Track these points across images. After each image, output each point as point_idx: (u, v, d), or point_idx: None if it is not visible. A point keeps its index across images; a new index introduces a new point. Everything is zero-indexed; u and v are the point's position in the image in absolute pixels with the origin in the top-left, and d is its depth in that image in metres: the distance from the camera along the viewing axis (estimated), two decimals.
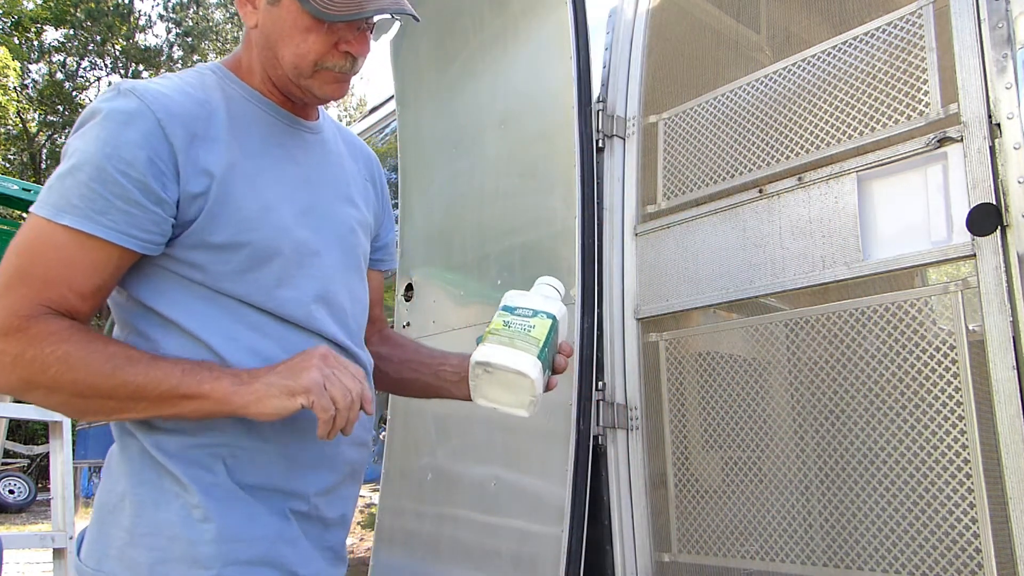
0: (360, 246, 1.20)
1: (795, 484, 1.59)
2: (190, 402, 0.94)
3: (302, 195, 1.10)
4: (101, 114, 0.97)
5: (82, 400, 0.94)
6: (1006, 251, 1.32)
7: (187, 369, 0.95)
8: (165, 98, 0.99)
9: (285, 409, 0.94)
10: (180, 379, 0.94)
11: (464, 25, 2.30)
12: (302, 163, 1.13)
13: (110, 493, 1.02)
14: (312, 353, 0.97)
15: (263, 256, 1.03)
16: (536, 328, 1.01)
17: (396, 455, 2.29)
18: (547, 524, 1.75)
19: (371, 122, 3.65)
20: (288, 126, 1.13)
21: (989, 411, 1.32)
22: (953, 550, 1.34)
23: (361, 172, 1.28)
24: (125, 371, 0.93)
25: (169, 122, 0.98)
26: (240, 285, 1.02)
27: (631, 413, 1.89)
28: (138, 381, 0.93)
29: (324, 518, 1.10)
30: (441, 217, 2.35)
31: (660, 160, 1.99)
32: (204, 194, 0.99)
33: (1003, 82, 1.37)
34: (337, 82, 1.09)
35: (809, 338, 1.61)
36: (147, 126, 0.96)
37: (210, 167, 1.00)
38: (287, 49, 1.05)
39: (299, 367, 0.95)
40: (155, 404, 0.94)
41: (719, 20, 2.07)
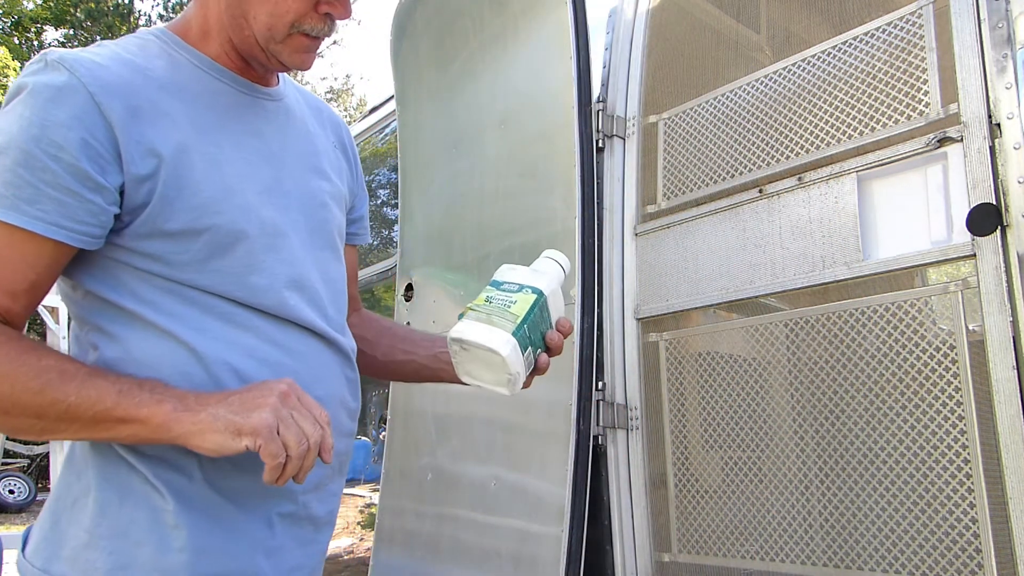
0: (333, 221, 1.09)
1: (795, 484, 1.59)
2: (125, 426, 0.84)
3: (266, 171, 1.00)
4: (26, 90, 0.86)
5: (5, 418, 0.85)
6: (1006, 251, 1.32)
7: (125, 390, 0.84)
8: (99, 68, 0.88)
9: (227, 448, 0.83)
10: (116, 400, 0.83)
11: (464, 25, 2.30)
12: (264, 135, 1.02)
13: (70, 488, 0.92)
14: (271, 389, 0.86)
15: (227, 242, 0.93)
16: (517, 304, 0.97)
17: (396, 455, 2.29)
18: (547, 524, 1.75)
19: (371, 122, 3.65)
20: (247, 95, 1.02)
21: (989, 411, 1.32)
22: (953, 550, 1.34)
23: (330, 139, 1.16)
24: (56, 388, 0.82)
25: (105, 96, 0.86)
26: (204, 275, 0.92)
27: (631, 413, 1.89)
28: (69, 400, 0.82)
29: (314, 517, 1.01)
30: (441, 217, 2.35)
31: (660, 160, 1.99)
32: (152, 176, 0.88)
33: (1003, 82, 1.37)
34: (308, 51, 0.99)
35: (809, 338, 1.61)
36: (79, 102, 0.85)
37: (157, 146, 0.89)
38: (262, 8, 0.95)
39: (252, 403, 0.84)
40: (87, 426, 0.84)
41: (719, 20, 2.07)
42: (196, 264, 0.92)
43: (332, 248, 1.08)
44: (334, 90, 21.81)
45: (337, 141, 1.18)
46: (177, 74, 0.95)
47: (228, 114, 0.99)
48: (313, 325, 1.00)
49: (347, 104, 21.84)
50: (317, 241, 1.05)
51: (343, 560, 2.84)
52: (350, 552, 2.81)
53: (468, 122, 2.28)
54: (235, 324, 0.93)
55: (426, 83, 2.46)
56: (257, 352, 0.94)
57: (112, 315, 0.91)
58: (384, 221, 3.69)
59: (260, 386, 0.87)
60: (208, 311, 0.92)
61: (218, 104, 0.98)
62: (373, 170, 3.81)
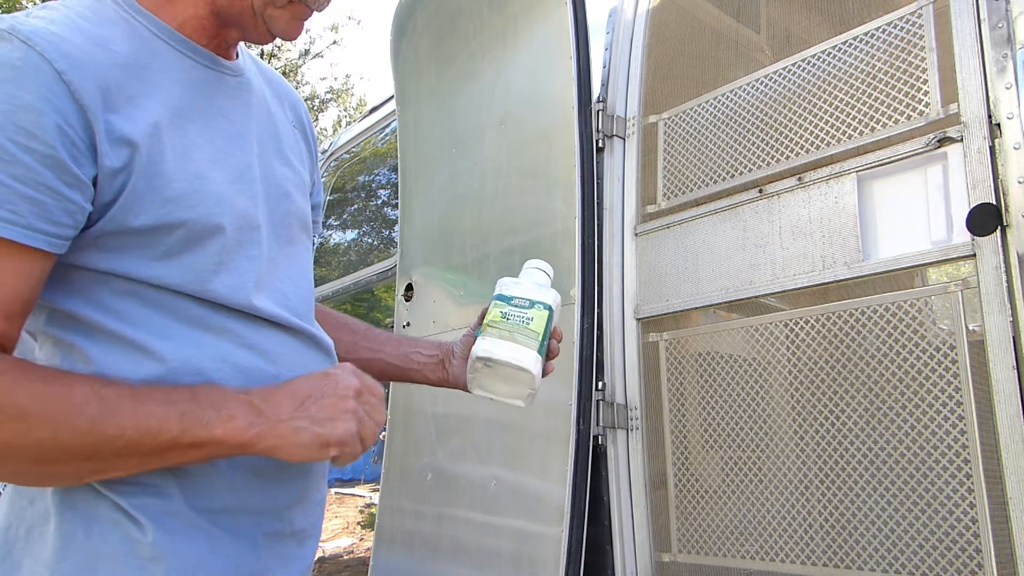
0: (296, 212, 0.99)
1: (795, 484, 1.59)
2: (196, 451, 0.75)
3: (236, 156, 0.90)
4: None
5: (45, 467, 0.72)
6: (1006, 251, 1.32)
7: (186, 411, 0.75)
8: (62, 41, 0.74)
9: (314, 459, 0.78)
10: (181, 425, 0.74)
11: (464, 25, 2.30)
12: (230, 116, 0.92)
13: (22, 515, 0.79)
14: (347, 388, 0.81)
15: (200, 236, 0.82)
16: (535, 320, 0.99)
17: (396, 455, 2.29)
18: (547, 524, 1.75)
19: (371, 122, 3.65)
20: (211, 70, 0.91)
21: (989, 411, 1.32)
22: (953, 550, 1.34)
23: (289, 119, 1.05)
24: (106, 422, 0.71)
25: (74, 75, 0.73)
26: (173, 271, 0.81)
27: (631, 413, 1.89)
28: (127, 435, 0.72)
29: (298, 531, 0.92)
30: (441, 217, 2.35)
31: (660, 160, 1.99)
32: (125, 168, 0.77)
33: (1003, 82, 1.37)
34: (301, 19, 0.92)
35: (809, 338, 1.61)
36: (46, 81, 0.72)
37: (130, 133, 0.77)
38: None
39: (333, 410, 0.79)
40: (148, 458, 0.74)
41: (719, 20, 2.07)
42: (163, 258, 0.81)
43: (297, 241, 1.00)
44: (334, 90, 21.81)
45: (296, 120, 1.07)
46: (138, 45, 0.83)
47: (193, 92, 0.87)
48: (288, 322, 0.92)
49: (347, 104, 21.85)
50: (282, 234, 0.96)
51: (343, 560, 2.84)
52: (350, 552, 2.81)
53: (468, 122, 2.28)
54: (204, 328, 0.84)
55: (426, 83, 2.46)
56: (231, 357, 0.85)
57: (68, 325, 0.80)
58: (384, 221, 3.69)
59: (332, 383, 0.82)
60: (174, 315, 0.82)
61: (182, 81, 0.86)
62: (373, 170, 3.81)
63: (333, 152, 3.92)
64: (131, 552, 0.77)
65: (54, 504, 0.77)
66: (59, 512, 0.77)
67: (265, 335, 0.89)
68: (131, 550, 0.77)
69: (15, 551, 0.78)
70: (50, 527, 0.77)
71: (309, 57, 19.68)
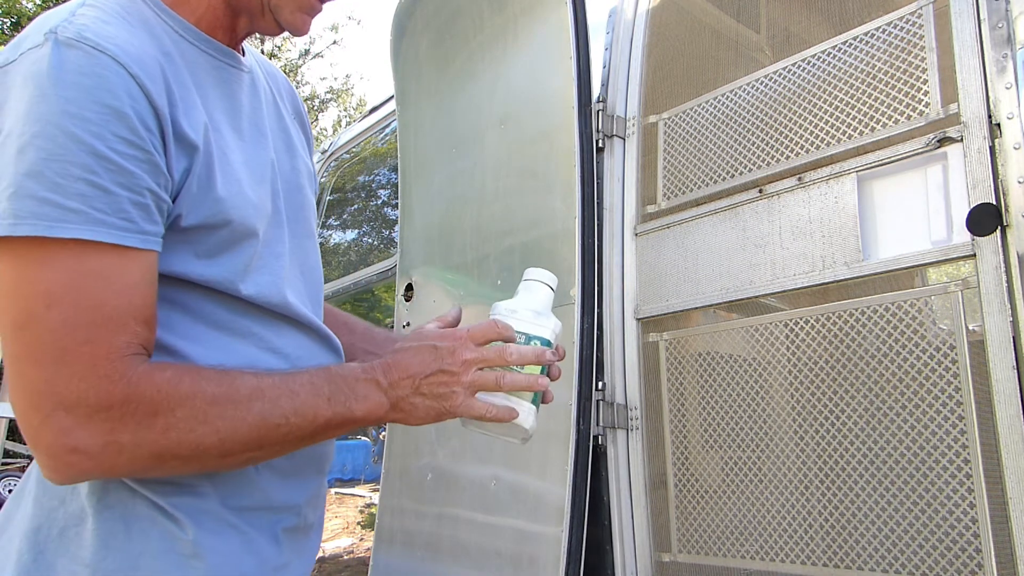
0: (309, 205, 1.01)
1: (795, 484, 1.59)
2: (340, 430, 0.81)
3: (260, 155, 0.91)
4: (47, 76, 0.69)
5: (224, 460, 0.77)
6: (1006, 251, 1.32)
7: (331, 395, 0.79)
8: (129, 46, 0.74)
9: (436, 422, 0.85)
10: (330, 410, 0.79)
11: (464, 25, 2.30)
12: (250, 113, 0.93)
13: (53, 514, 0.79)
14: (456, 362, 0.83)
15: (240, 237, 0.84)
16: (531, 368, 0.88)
17: (396, 455, 2.29)
18: (547, 524, 1.75)
19: (371, 122, 3.65)
20: (230, 67, 0.91)
21: (989, 411, 1.32)
22: (953, 550, 1.34)
23: (288, 110, 1.05)
24: (273, 415, 0.76)
25: (146, 79, 0.74)
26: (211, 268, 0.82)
27: (631, 413, 1.89)
28: (291, 423, 0.77)
29: (309, 525, 0.96)
30: (441, 217, 2.35)
31: (660, 160, 1.99)
32: (187, 170, 0.78)
33: (1003, 82, 1.37)
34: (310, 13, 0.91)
35: (809, 338, 1.61)
36: (127, 87, 0.72)
37: (190, 135, 0.78)
38: None
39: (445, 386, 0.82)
40: (304, 440, 0.80)
41: (719, 20, 2.07)
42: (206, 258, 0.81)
43: (311, 234, 1.00)
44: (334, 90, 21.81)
45: (295, 111, 1.07)
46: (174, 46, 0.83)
47: (220, 91, 0.88)
48: (310, 322, 0.94)
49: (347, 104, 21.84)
50: (297, 229, 0.96)
51: (343, 560, 2.84)
52: (350, 552, 2.81)
53: (468, 122, 2.28)
54: (231, 332, 0.85)
55: (426, 83, 2.46)
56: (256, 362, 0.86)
57: None
58: (384, 221, 3.69)
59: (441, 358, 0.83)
60: (203, 319, 0.83)
61: (210, 80, 0.87)
62: (373, 170, 3.81)
63: (333, 152, 3.92)
64: (171, 549, 0.78)
65: (90, 504, 0.77)
66: (97, 512, 0.77)
67: (286, 338, 0.91)
68: (171, 547, 0.78)
69: (47, 552, 0.78)
70: (87, 527, 0.77)
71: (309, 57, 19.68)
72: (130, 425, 0.70)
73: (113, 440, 0.69)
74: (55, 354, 0.68)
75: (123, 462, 0.71)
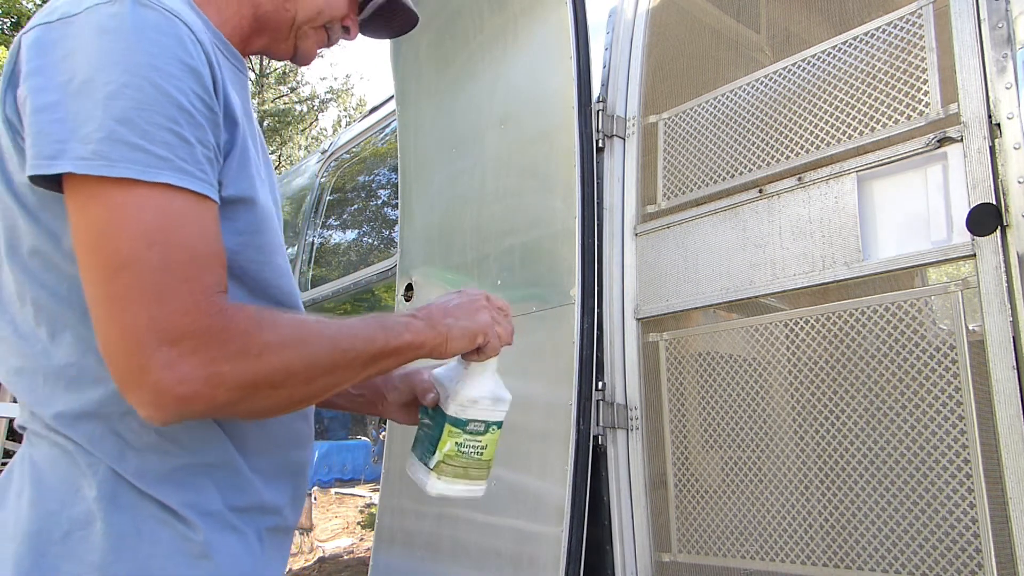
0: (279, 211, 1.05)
1: (795, 484, 1.59)
2: (394, 358, 0.86)
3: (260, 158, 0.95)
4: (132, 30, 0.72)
5: (305, 387, 0.80)
6: (1006, 251, 1.32)
7: (383, 325, 0.86)
8: (191, 20, 0.79)
9: (465, 349, 0.93)
10: (385, 336, 0.85)
11: (464, 25, 2.30)
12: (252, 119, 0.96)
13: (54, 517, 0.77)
14: (477, 294, 0.97)
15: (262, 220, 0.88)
16: (487, 448, 0.99)
17: (396, 455, 2.29)
18: (547, 524, 1.75)
19: (371, 122, 3.65)
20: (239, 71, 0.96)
21: (989, 411, 1.32)
22: (953, 550, 1.34)
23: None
24: (340, 340, 0.81)
25: (208, 49, 0.79)
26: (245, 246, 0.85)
27: (631, 413, 1.89)
28: (356, 347, 0.82)
29: (288, 527, 0.98)
30: (441, 217, 2.35)
31: (660, 160, 1.99)
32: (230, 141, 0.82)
33: (1003, 82, 1.37)
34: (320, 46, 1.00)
35: (809, 338, 1.61)
36: (199, 53, 0.77)
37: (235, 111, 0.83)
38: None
39: (471, 308, 0.94)
40: (366, 367, 0.84)
41: (719, 20, 2.07)
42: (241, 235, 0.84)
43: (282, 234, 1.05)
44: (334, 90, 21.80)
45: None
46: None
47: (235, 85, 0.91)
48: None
49: (347, 104, 21.84)
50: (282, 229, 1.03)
51: (343, 560, 2.84)
52: (350, 552, 2.81)
53: (468, 122, 2.28)
54: None
55: (426, 83, 2.46)
56: None
57: None
58: (384, 221, 3.69)
59: (464, 293, 0.97)
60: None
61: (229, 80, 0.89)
62: (373, 170, 3.81)
63: (333, 152, 3.92)
64: (181, 550, 0.79)
65: (99, 507, 0.77)
66: (106, 514, 0.77)
67: None
68: (181, 548, 0.79)
69: (49, 555, 0.77)
70: (96, 529, 0.77)
71: None
72: (230, 355, 0.72)
73: (216, 371, 0.71)
74: (158, 292, 0.70)
75: (223, 393, 0.73)
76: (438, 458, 0.97)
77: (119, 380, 0.71)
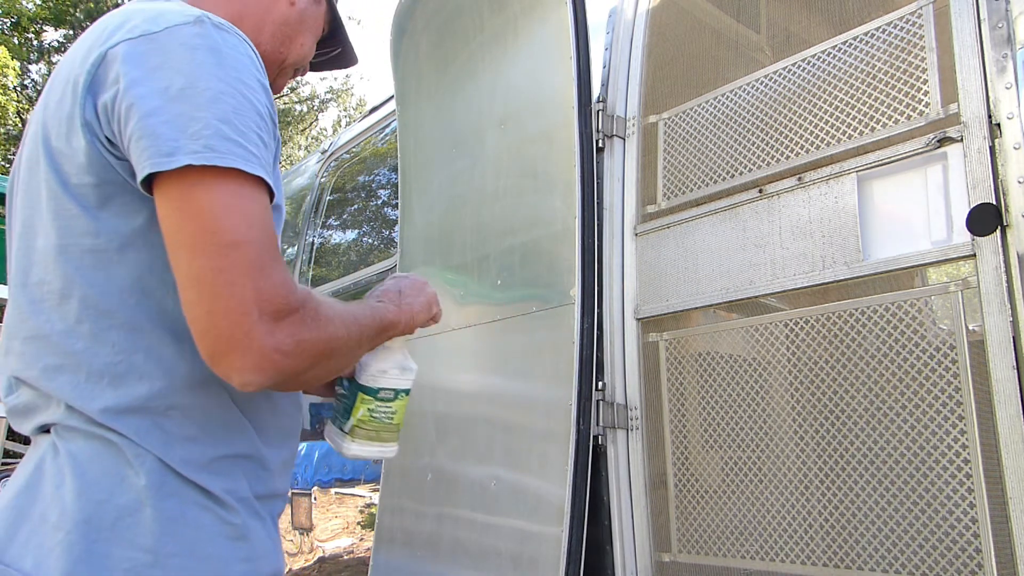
0: None
1: (795, 484, 1.59)
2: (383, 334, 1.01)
3: None
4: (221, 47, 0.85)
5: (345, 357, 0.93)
6: (1006, 251, 1.32)
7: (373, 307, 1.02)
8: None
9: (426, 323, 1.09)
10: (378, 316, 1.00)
11: (464, 25, 2.30)
12: None
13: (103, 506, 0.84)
14: (417, 279, 1.13)
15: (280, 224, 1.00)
16: (397, 414, 1.11)
17: (396, 455, 2.29)
18: (547, 524, 1.75)
19: (371, 122, 3.65)
20: None
21: (989, 411, 1.32)
22: (953, 550, 1.34)
23: None
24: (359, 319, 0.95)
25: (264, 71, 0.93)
26: None
27: (631, 413, 1.89)
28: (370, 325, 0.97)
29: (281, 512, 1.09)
30: (441, 217, 2.35)
31: (660, 160, 1.99)
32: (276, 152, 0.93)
33: (1003, 82, 1.37)
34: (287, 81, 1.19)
35: (809, 338, 1.61)
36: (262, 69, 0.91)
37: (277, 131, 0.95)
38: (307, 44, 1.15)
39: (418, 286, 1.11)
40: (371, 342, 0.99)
41: (719, 20, 2.07)
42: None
43: None
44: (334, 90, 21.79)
45: None
46: None
47: None
48: None
49: (347, 104, 21.82)
50: None
51: (343, 560, 2.84)
52: (350, 552, 2.81)
53: (468, 122, 2.28)
54: None
55: (426, 83, 2.46)
56: None
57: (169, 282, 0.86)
58: (384, 221, 3.69)
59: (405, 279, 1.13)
60: None
61: None
62: (373, 170, 3.81)
63: (333, 152, 3.92)
64: (222, 532, 0.88)
65: (148, 494, 0.85)
66: (156, 501, 0.85)
67: None
68: (222, 531, 0.88)
69: (100, 541, 0.83)
70: (146, 515, 0.84)
71: None
72: (308, 325, 0.83)
73: (300, 338, 0.82)
74: (262, 268, 0.80)
75: (305, 360, 0.83)
76: (352, 423, 1.08)
77: (218, 348, 0.79)
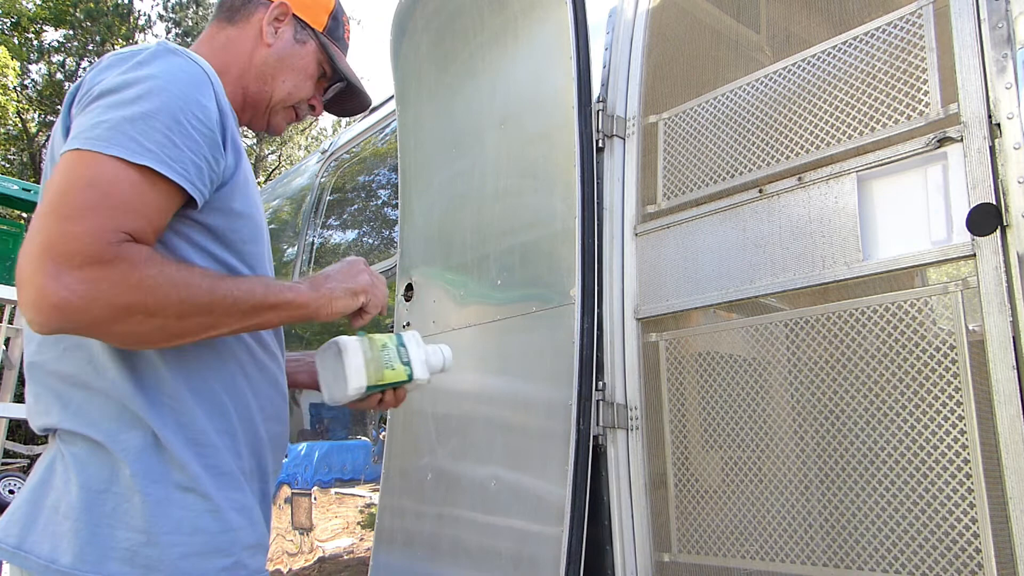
0: None
1: (795, 484, 1.59)
2: (274, 312, 1.03)
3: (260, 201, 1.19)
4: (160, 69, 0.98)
5: (178, 321, 0.94)
6: (1006, 251, 1.32)
7: (266, 283, 1.04)
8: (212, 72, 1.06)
9: (350, 308, 1.10)
10: (265, 291, 1.02)
11: (464, 25, 2.30)
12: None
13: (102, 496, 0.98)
14: (356, 260, 1.15)
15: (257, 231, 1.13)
16: (393, 372, 1.16)
17: (396, 455, 2.29)
18: (547, 524, 1.75)
19: (371, 122, 3.65)
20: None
21: (989, 411, 1.32)
22: (953, 550, 1.34)
23: None
24: (220, 287, 0.97)
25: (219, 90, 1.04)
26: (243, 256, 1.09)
27: (631, 413, 1.89)
28: (234, 295, 0.98)
29: (267, 494, 1.17)
30: (441, 217, 2.35)
31: (660, 160, 1.99)
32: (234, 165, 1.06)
33: (1003, 82, 1.37)
34: (289, 122, 1.28)
35: (809, 338, 1.61)
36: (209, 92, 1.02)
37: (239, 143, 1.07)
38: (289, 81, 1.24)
39: (353, 272, 1.13)
40: (245, 316, 1.00)
41: (719, 20, 2.07)
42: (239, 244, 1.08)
43: None
44: None
45: None
46: None
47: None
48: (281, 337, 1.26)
49: None
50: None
51: (343, 560, 2.84)
52: (350, 552, 2.81)
53: (468, 122, 2.28)
54: None
55: (426, 83, 2.46)
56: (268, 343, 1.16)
57: None
58: (384, 221, 3.69)
59: (346, 262, 1.15)
60: None
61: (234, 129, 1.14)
62: (373, 170, 3.80)
63: (333, 152, 3.92)
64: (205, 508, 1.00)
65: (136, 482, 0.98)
66: (143, 487, 0.98)
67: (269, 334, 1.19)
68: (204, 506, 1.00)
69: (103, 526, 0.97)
70: (136, 500, 0.97)
71: None
72: (110, 279, 0.87)
73: (94, 288, 0.86)
74: (69, 216, 0.87)
75: (97, 309, 0.87)
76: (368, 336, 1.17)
77: (19, 282, 0.85)
